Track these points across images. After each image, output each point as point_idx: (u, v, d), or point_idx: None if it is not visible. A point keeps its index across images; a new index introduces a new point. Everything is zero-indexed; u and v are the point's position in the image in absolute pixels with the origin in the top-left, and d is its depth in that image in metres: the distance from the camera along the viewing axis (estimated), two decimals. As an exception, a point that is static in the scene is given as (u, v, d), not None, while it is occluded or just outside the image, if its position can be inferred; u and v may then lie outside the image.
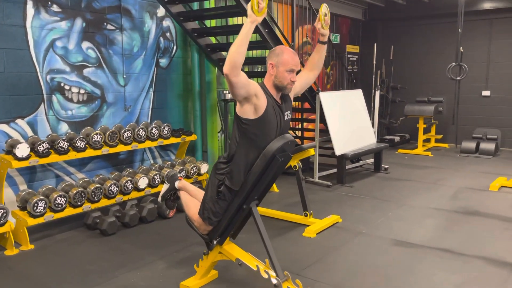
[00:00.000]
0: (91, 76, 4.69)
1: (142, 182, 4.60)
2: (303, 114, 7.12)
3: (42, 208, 3.82)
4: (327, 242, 3.91)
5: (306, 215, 4.36)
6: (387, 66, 9.41)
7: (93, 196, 4.19)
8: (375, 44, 8.36)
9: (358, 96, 6.82)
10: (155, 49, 5.35)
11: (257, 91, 2.48)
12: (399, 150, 8.47)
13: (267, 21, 4.84)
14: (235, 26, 5.79)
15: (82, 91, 4.63)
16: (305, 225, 4.27)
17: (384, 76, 9.38)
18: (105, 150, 4.40)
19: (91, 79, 4.70)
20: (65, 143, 4.08)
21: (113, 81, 4.92)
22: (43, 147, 3.94)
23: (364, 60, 9.97)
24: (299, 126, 7.19)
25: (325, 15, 2.75)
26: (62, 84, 4.45)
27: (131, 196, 4.56)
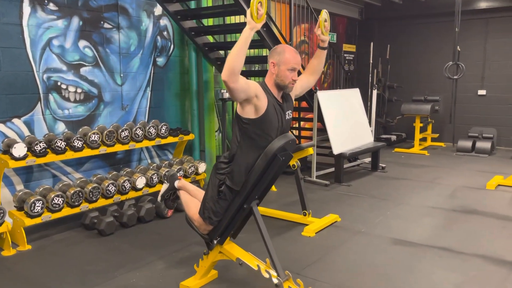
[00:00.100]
0: (88, 75, 4.66)
1: (140, 181, 4.57)
2: (300, 113, 7.12)
3: (39, 208, 3.78)
4: (326, 241, 3.91)
5: (305, 214, 4.35)
6: (384, 65, 9.42)
7: (91, 196, 4.16)
8: (372, 43, 8.37)
9: (355, 95, 6.84)
10: (152, 48, 5.32)
11: (257, 92, 2.46)
12: (396, 149, 8.49)
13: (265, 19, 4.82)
14: (232, 25, 5.78)
15: (79, 90, 4.60)
16: (304, 224, 4.27)
17: (380, 75, 9.39)
18: (102, 150, 4.37)
19: (88, 78, 4.66)
20: (62, 143, 4.05)
21: (110, 80, 4.89)
22: (40, 146, 3.90)
23: (360, 59, 9.99)
24: (296, 125, 7.18)
25: (325, 21, 2.75)
26: (59, 83, 4.41)
27: (129, 196, 4.54)
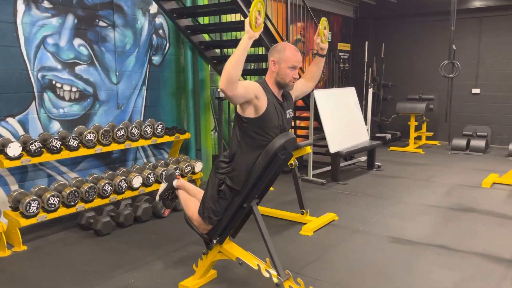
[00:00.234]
0: (83, 73, 4.61)
1: (136, 181, 4.54)
2: (296, 112, 7.10)
3: (35, 208, 3.73)
4: (325, 240, 3.90)
5: (302, 213, 4.34)
6: (379, 64, 9.45)
7: (87, 195, 4.12)
8: (367, 42, 8.39)
9: (351, 94, 6.84)
10: (147, 46, 5.28)
11: (257, 93, 2.44)
12: (391, 148, 8.51)
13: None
14: (228, 23, 5.76)
15: (74, 89, 4.55)
16: (301, 223, 4.25)
17: (375, 74, 9.41)
18: (98, 149, 4.33)
19: (83, 77, 4.61)
20: (58, 142, 4.00)
21: (106, 78, 4.84)
22: (35, 146, 3.86)
23: (355, 58, 9.99)
24: (292, 124, 7.17)
25: (324, 29, 2.76)
26: (54, 82, 4.36)
27: (125, 196, 4.50)
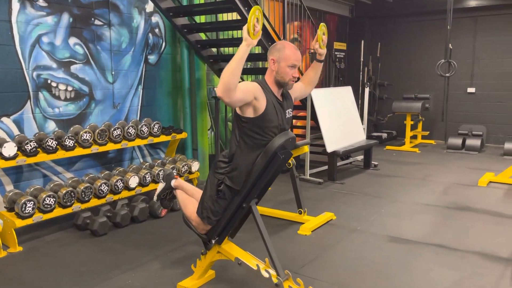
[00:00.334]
0: (79, 72, 4.57)
1: (132, 181, 4.50)
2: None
3: (30, 208, 3.69)
4: (323, 240, 3.89)
5: (300, 213, 4.33)
6: (374, 63, 9.46)
7: (83, 196, 4.08)
8: (362, 41, 8.40)
9: (347, 93, 6.84)
10: (143, 45, 5.24)
11: (256, 94, 2.42)
12: (387, 147, 8.52)
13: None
14: (225, 22, 5.73)
15: (70, 88, 4.51)
16: (299, 222, 4.24)
17: (371, 73, 9.42)
18: (94, 149, 4.29)
19: (79, 76, 4.57)
20: (54, 142, 3.96)
21: (101, 78, 4.80)
22: (31, 146, 3.81)
23: (351, 57, 10.00)
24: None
25: (323, 34, 2.77)
26: (49, 81, 4.32)
27: (122, 196, 4.47)
